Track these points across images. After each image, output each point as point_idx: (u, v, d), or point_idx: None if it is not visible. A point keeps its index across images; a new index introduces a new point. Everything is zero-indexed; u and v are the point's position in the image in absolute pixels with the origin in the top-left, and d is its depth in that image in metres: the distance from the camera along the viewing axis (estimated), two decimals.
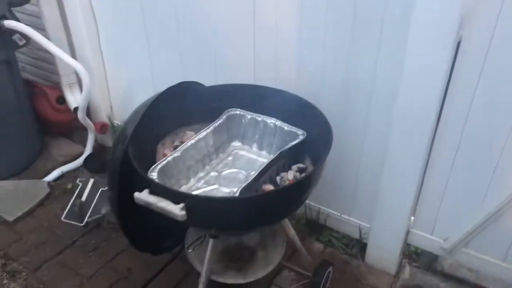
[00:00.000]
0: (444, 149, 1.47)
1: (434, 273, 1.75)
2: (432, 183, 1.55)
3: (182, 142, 1.44)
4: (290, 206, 1.21)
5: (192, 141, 1.36)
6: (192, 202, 1.04)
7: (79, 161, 2.27)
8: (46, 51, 2.30)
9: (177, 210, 1.03)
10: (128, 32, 2.02)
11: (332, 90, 1.54)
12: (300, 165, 1.33)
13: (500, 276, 1.60)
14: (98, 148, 2.21)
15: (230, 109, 1.48)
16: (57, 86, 2.36)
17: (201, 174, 1.39)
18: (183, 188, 1.31)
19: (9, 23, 1.90)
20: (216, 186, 1.34)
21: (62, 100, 2.31)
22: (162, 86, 2.02)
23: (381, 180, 1.57)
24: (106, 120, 2.35)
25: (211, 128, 1.42)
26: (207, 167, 1.42)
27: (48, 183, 2.14)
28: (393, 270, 1.73)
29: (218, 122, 1.44)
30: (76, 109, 2.21)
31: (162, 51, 1.96)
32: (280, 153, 1.28)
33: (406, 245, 1.75)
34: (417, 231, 1.68)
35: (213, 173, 1.40)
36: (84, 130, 2.43)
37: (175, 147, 1.42)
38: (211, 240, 1.31)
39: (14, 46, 2.02)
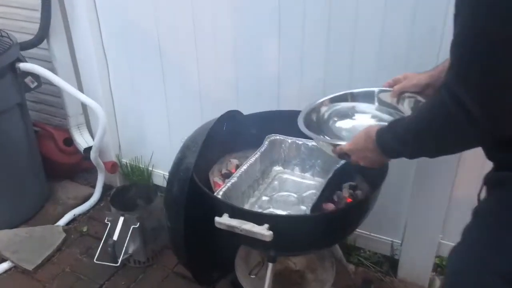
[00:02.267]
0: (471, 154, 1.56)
1: None
2: (462, 191, 1.64)
3: (228, 170, 1.47)
4: (360, 219, 1.25)
5: (245, 167, 1.38)
6: (275, 222, 1.06)
7: (91, 202, 2.22)
8: (52, 94, 2.29)
9: (264, 230, 1.04)
10: (141, 69, 2.04)
11: None
12: (351, 183, 1.38)
13: None
14: (123, 185, 2.17)
15: (271, 135, 1.53)
16: (62, 128, 2.32)
17: (253, 200, 1.41)
18: None
19: (25, 66, 1.89)
20: (271, 209, 1.36)
21: (69, 142, 2.26)
22: (177, 123, 2.06)
23: (412, 197, 1.65)
24: (115, 159, 2.32)
25: (258, 154, 1.45)
26: (256, 192, 1.44)
27: (63, 227, 2.06)
28: (426, 283, 1.78)
29: (263, 148, 1.48)
30: (87, 149, 2.17)
31: (179, 88, 1.99)
32: (335, 171, 1.33)
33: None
34: (448, 242, 1.75)
35: (264, 198, 1.42)
36: (88, 171, 2.39)
37: (224, 175, 1.44)
38: (270, 265, 1.32)
39: (27, 89, 1.98)
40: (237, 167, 1.49)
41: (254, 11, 1.66)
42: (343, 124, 1.28)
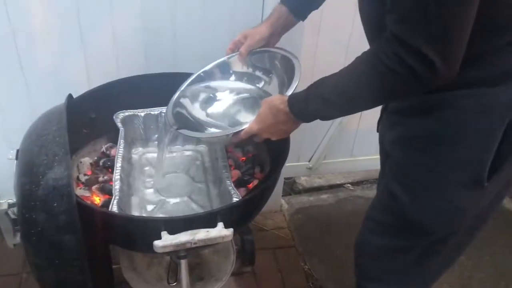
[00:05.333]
0: None
1: (300, 193, 2.02)
2: None
3: (86, 175, 1.11)
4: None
5: (119, 164, 1.06)
6: (229, 216, 0.87)
7: None
8: None
9: (224, 231, 0.84)
10: None
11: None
12: None
13: (348, 169, 2.01)
14: None
15: (118, 113, 1.21)
16: None
17: (136, 200, 1.12)
18: None
19: None
20: (168, 200, 1.12)
21: None
22: None
23: None
24: None
25: (122, 142, 1.14)
26: (133, 190, 1.14)
27: None
28: (278, 207, 1.89)
29: (122, 132, 1.16)
30: None
31: None
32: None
33: None
34: (287, 164, 1.86)
35: (147, 191, 1.15)
36: None
37: (87, 182, 1.09)
38: (183, 262, 1.12)
39: None
40: (94, 166, 1.14)
41: None
42: (215, 109, 1.14)
